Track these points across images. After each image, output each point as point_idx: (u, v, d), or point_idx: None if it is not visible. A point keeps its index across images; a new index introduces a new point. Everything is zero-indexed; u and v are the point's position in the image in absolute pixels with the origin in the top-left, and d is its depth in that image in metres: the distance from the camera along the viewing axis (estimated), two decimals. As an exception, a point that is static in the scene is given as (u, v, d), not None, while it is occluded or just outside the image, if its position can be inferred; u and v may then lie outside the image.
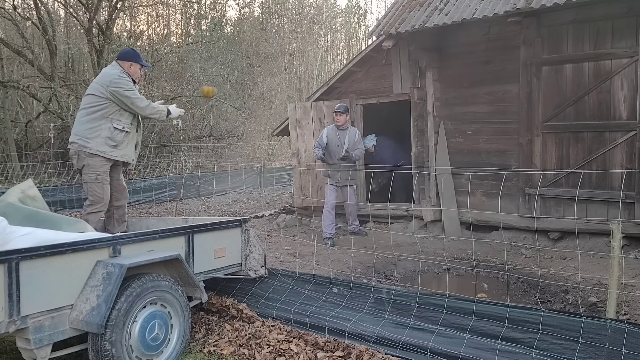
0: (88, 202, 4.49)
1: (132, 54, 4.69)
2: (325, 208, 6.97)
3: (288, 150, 15.13)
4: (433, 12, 6.47)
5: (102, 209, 4.52)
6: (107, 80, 4.45)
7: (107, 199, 4.52)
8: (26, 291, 2.60)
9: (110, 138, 4.45)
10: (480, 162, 6.75)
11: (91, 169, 4.44)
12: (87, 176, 4.45)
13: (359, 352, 3.19)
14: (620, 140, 5.74)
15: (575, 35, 5.97)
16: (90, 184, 4.45)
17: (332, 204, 6.93)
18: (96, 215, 4.46)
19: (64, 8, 15.23)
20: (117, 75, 4.48)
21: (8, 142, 13.35)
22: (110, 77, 4.46)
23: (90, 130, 4.42)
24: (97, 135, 4.42)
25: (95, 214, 4.46)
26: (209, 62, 19.00)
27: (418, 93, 7.36)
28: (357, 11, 30.02)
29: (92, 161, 4.42)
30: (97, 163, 4.43)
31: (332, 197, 6.96)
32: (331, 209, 6.93)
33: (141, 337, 2.95)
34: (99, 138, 4.42)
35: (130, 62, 4.62)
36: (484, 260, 5.73)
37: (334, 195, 6.99)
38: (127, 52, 4.72)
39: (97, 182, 4.44)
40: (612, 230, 3.38)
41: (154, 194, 10.84)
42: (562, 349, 2.86)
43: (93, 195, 4.46)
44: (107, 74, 4.54)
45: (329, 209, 6.93)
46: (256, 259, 4.01)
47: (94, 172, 4.43)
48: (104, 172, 4.47)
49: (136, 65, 4.65)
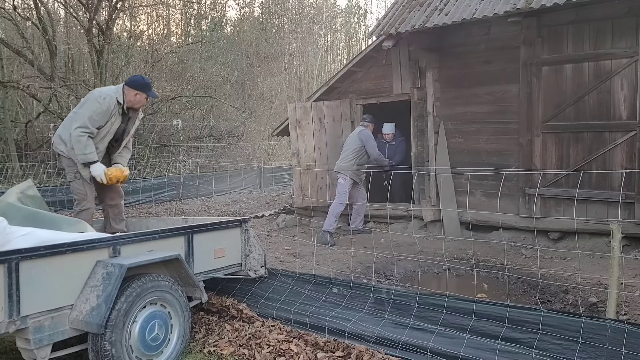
0: (75, 201, 4.58)
1: (142, 84, 4.49)
2: (339, 202, 6.97)
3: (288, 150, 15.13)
4: (433, 12, 6.47)
5: (89, 206, 4.53)
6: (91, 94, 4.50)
7: (90, 195, 4.55)
8: (26, 291, 2.60)
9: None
10: (480, 162, 6.75)
11: (69, 168, 4.52)
12: (68, 175, 4.57)
13: (359, 352, 3.19)
14: (620, 141, 5.74)
15: (575, 35, 5.97)
16: (72, 183, 4.55)
17: (344, 200, 6.98)
18: (87, 213, 4.48)
19: (64, 8, 15.22)
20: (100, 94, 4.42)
21: (8, 142, 13.35)
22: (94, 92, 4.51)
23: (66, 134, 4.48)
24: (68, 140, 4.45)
25: (85, 212, 4.48)
26: (209, 62, 19.01)
27: (418, 93, 7.36)
28: (357, 11, 30.05)
29: (67, 161, 4.51)
30: (71, 162, 4.50)
31: (347, 196, 7.02)
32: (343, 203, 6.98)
33: (141, 337, 2.95)
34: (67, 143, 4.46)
35: (136, 92, 4.47)
36: (483, 261, 5.73)
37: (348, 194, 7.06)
38: (135, 80, 4.54)
39: (77, 180, 4.50)
40: (612, 231, 3.38)
41: (153, 194, 10.82)
42: (562, 349, 2.86)
43: (76, 193, 4.53)
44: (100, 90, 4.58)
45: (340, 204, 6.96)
46: (256, 259, 4.01)
47: (72, 170, 4.51)
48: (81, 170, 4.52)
49: (141, 95, 4.49)
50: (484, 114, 6.81)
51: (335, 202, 6.99)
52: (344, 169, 7.06)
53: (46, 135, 14.02)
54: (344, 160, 7.12)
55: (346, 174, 7.03)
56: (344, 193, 7.00)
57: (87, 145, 4.34)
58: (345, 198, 6.97)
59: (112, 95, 4.41)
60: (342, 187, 7.03)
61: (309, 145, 7.89)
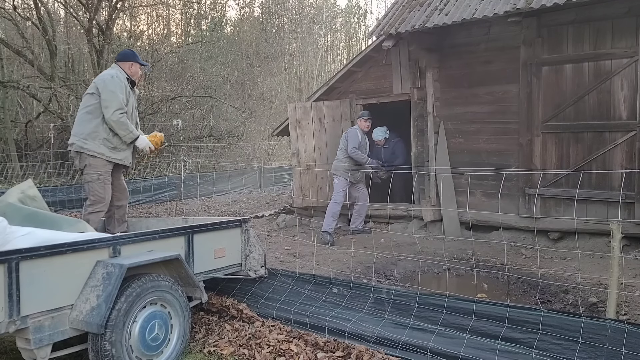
0: (89, 202, 4.49)
1: (130, 54, 4.71)
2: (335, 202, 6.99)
3: (288, 150, 15.12)
4: (433, 12, 6.47)
5: (103, 209, 4.51)
6: (100, 79, 4.48)
7: (108, 199, 4.52)
8: (26, 291, 2.60)
9: (107, 139, 4.46)
10: (480, 162, 6.75)
11: (93, 169, 4.44)
12: (89, 176, 4.46)
13: (359, 352, 3.19)
14: (620, 141, 5.74)
15: (575, 35, 5.97)
16: (91, 184, 4.45)
17: (341, 199, 6.99)
18: (97, 215, 4.46)
19: (64, 8, 15.23)
20: (109, 74, 4.49)
21: (8, 142, 13.35)
22: (102, 76, 4.51)
23: (88, 131, 4.43)
24: (95, 137, 4.42)
25: (97, 214, 4.45)
26: (209, 62, 19.00)
27: (418, 93, 7.36)
28: (357, 11, 30.01)
29: (93, 161, 4.43)
30: (98, 163, 4.44)
31: (343, 195, 7.03)
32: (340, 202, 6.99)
33: (141, 337, 2.95)
34: (97, 139, 4.42)
35: (130, 62, 4.63)
36: (483, 261, 5.73)
37: (345, 194, 7.06)
38: (125, 53, 4.73)
39: (99, 182, 4.44)
40: (612, 231, 3.38)
41: (153, 194, 10.82)
42: (562, 349, 2.86)
43: (94, 195, 4.46)
44: (103, 73, 4.59)
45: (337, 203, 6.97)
46: (256, 259, 4.01)
47: (96, 172, 4.44)
48: (105, 172, 4.48)
49: (136, 65, 4.66)
50: (484, 114, 6.81)
51: (332, 202, 7.03)
52: (337, 168, 7.14)
53: (46, 135, 14.01)
54: (337, 159, 7.23)
55: (339, 174, 7.10)
56: (339, 192, 7.04)
57: (128, 123, 4.45)
58: (341, 197, 6.99)
59: (118, 74, 4.49)
60: (337, 186, 7.11)
61: (309, 145, 7.89)
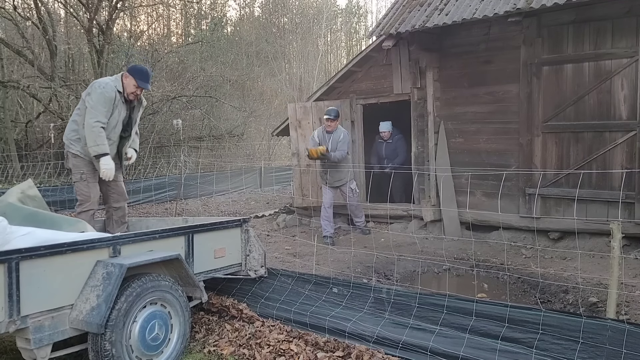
0: (78, 202, 4.60)
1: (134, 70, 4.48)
2: (324, 205, 7.07)
3: (288, 150, 15.13)
4: (433, 12, 6.47)
5: (91, 208, 4.55)
6: (92, 86, 4.49)
7: (94, 197, 4.57)
8: (26, 291, 2.60)
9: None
10: (480, 162, 6.75)
11: (76, 169, 4.54)
12: (74, 176, 4.59)
13: (359, 352, 3.19)
14: (620, 140, 5.74)
15: (575, 35, 5.97)
16: (77, 184, 4.57)
17: (327, 203, 7.02)
18: (87, 214, 4.49)
19: (64, 8, 15.25)
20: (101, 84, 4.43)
21: (8, 142, 13.37)
22: (95, 83, 4.50)
23: (73, 132, 4.52)
24: (78, 138, 4.50)
25: (85, 213, 4.50)
26: (209, 62, 19.01)
27: (418, 93, 7.36)
28: (357, 11, 30.02)
29: (76, 161, 4.52)
30: (80, 163, 4.52)
31: (327, 197, 7.06)
32: (327, 207, 7.02)
33: (141, 337, 2.95)
34: (81, 140, 4.48)
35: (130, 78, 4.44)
36: (484, 260, 5.73)
37: (330, 195, 7.06)
38: (132, 67, 4.56)
39: (82, 181, 4.52)
40: (612, 230, 3.38)
41: (153, 194, 10.82)
42: (562, 349, 2.86)
43: (80, 194, 4.55)
44: (100, 80, 4.57)
45: (324, 207, 7.04)
46: (256, 259, 4.01)
47: (78, 171, 4.52)
48: (88, 172, 4.53)
49: (131, 79, 4.43)
50: (484, 114, 6.81)
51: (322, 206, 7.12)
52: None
53: (46, 135, 14.03)
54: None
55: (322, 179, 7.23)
56: (324, 196, 7.13)
57: (99, 136, 4.36)
58: (326, 200, 7.03)
59: (110, 84, 4.43)
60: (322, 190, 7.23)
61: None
